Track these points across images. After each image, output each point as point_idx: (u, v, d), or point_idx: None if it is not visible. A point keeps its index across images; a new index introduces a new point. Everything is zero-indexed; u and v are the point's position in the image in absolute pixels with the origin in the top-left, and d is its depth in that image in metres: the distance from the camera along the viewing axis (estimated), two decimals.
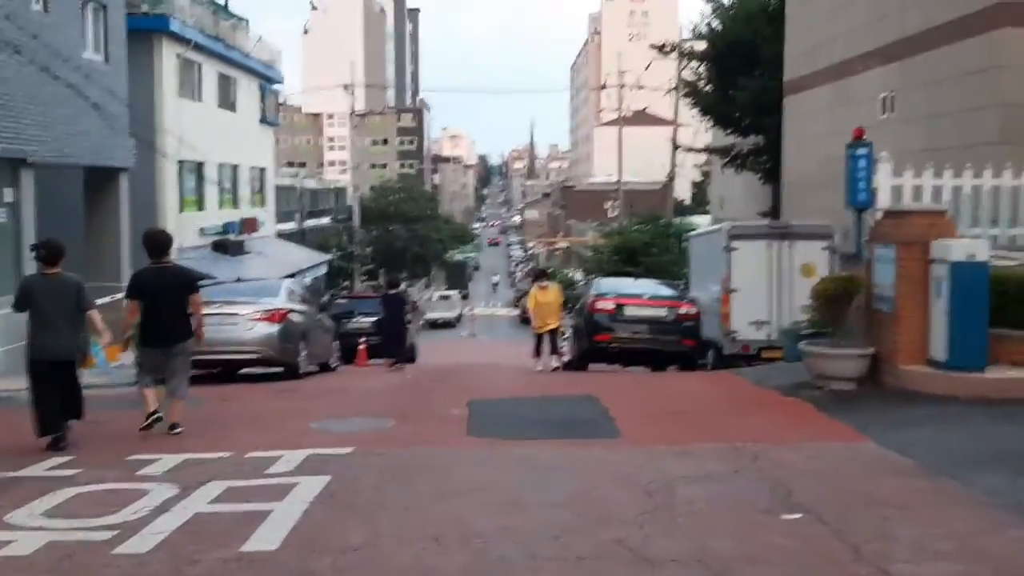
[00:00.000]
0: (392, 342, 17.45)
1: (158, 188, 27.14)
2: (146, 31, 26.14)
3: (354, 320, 24.01)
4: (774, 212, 26.81)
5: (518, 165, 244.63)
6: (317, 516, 5.27)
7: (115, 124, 20.39)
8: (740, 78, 26.39)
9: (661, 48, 29.85)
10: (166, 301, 8.37)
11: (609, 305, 14.61)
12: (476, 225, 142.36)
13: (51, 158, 17.77)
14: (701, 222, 52.38)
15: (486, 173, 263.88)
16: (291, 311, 14.13)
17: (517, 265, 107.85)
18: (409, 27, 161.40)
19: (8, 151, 16.24)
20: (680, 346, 14.61)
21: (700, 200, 75.39)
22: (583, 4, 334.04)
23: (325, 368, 16.53)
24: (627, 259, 43.73)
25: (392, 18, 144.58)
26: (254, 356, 13.47)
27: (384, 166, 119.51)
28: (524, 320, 63.03)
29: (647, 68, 47.69)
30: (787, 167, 23.08)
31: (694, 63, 30.87)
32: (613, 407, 9.09)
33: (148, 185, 26.23)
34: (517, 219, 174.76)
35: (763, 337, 16.16)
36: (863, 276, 9.72)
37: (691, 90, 30.14)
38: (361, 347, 22.44)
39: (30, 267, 17.53)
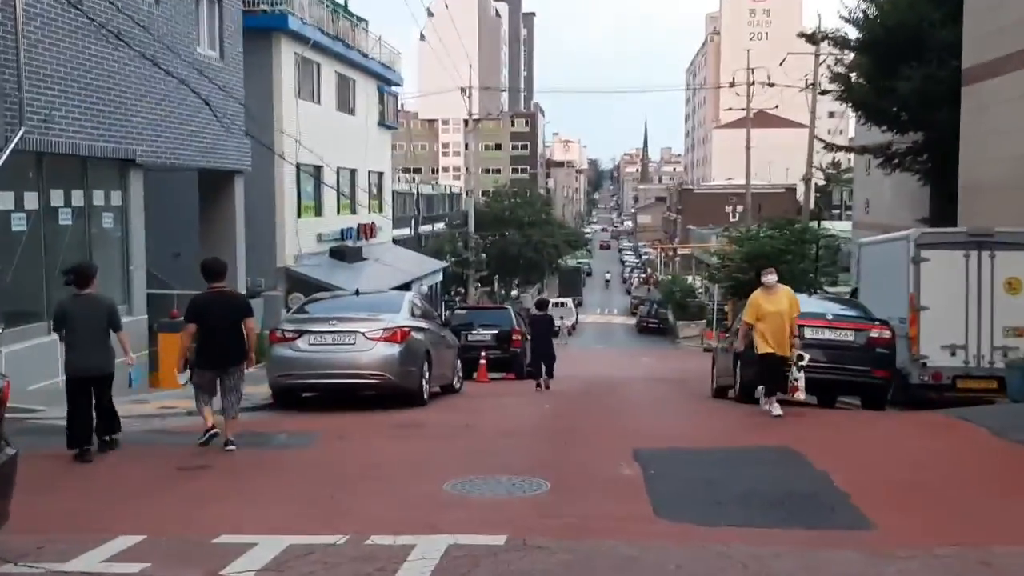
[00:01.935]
0: (543, 364, 16.65)
1: (276, 193, 26.17)
2: (264, 29, 25.19)
3: (474, 332, 22.40)
4: (936, 217, 23.97)
5: (630, 169, 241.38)
6: None
7: (230, 124, 19.27)
8: (902, 67, 23.57)
9: (810, 36, 27.14)
10: (222, 326, 8.58)
11: None
12: (587, 230, 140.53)
13: (162, 159, 16.67)
14: (837, 228, 48.97)
15: (596, 178, 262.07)
16: (414, 329, 12.44)
17: (632, 271, 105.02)
18: (524, 32, 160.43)
19: (116, 151, 15.13)
20: (872, 377, 12.19)
21: (824, 204, 71.41)
22: (700, 6, 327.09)
23: (448, 389, 14.85)
24: (759, 267, 40.82)
25: (507, 23, 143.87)
26: (372, 381, 11.79)
27: (497, 171, 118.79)
28: (644, 329, 61.11)
29: (782, 63, 44.78)
30: (965, 166, 20.19)
31: (842, 53, 28.15)
32: (832, 471, 6.94)
33: (265, 190, 25.27)
34: (628, 224, 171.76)
35: (959, 364, 13.76)
36: None
37: (843, 82, 27.36)
38: (482, 362, 20.83)
39: (137, 277, 16.56)
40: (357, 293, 13.69)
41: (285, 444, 8.91)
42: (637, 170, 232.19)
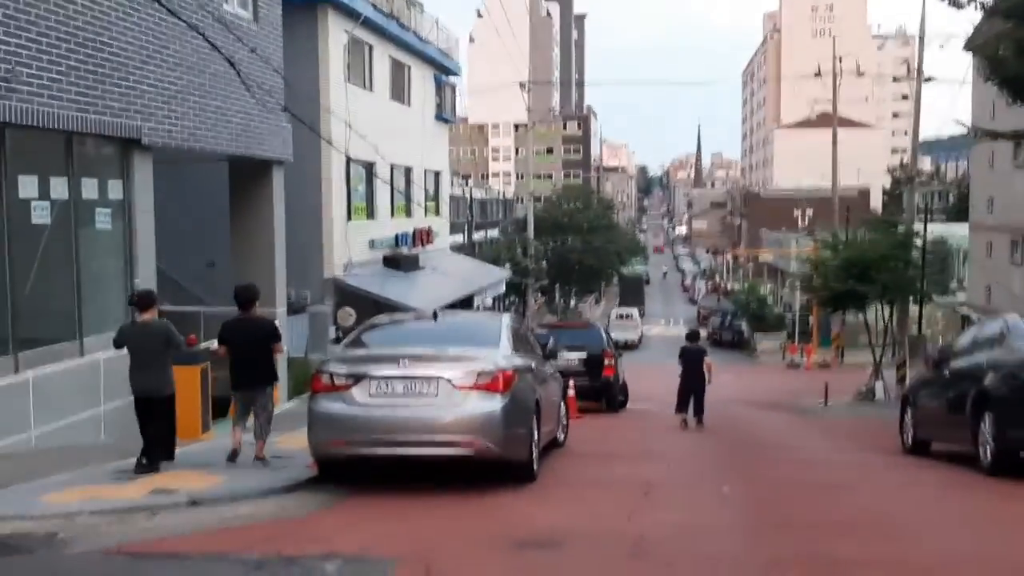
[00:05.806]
0: (695, 400, 15.95)
1: (323, 190, 22.51)
2: (309, 1, 21.63)
3: (559, 357, 18.51)
4: None
5: (680, 175, 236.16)
6: None
7: (267, 102, 15.59)
8: None
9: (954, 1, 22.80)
10: (250, 350, 9.01)
11: None
12: (641, 236, 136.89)
13: (177, 141, 12.97)
14: (939, 232, 44.19)
15: (645, 184, 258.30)
16: (519, 370, 8.50)
17: (694, 279, 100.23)
18: (575, 35, 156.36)
19: (113, 126, 11.42)
20: None
21: (895, 208, 66.58)
22: (755, 6, 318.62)
23: (551, 443, 10.91)
24: (860, 275, 36.53)
25: (559, 25, 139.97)
26: (462, 452, 7.87)
27: (549, 176, 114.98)
28: (717, 342, 56.45)
29: (880, 48, 40.23)
30: None
31: (939, 43, 24.02)
32: None
33: (310, 186, 21.63)
34: (683, 230, 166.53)
35: None
36: None
37: (988, 56, 22.99)
38: (571, 392, 17.10)
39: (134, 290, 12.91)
40: (435, 316, 9.74)
41: None
42: (689, 175, 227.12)
